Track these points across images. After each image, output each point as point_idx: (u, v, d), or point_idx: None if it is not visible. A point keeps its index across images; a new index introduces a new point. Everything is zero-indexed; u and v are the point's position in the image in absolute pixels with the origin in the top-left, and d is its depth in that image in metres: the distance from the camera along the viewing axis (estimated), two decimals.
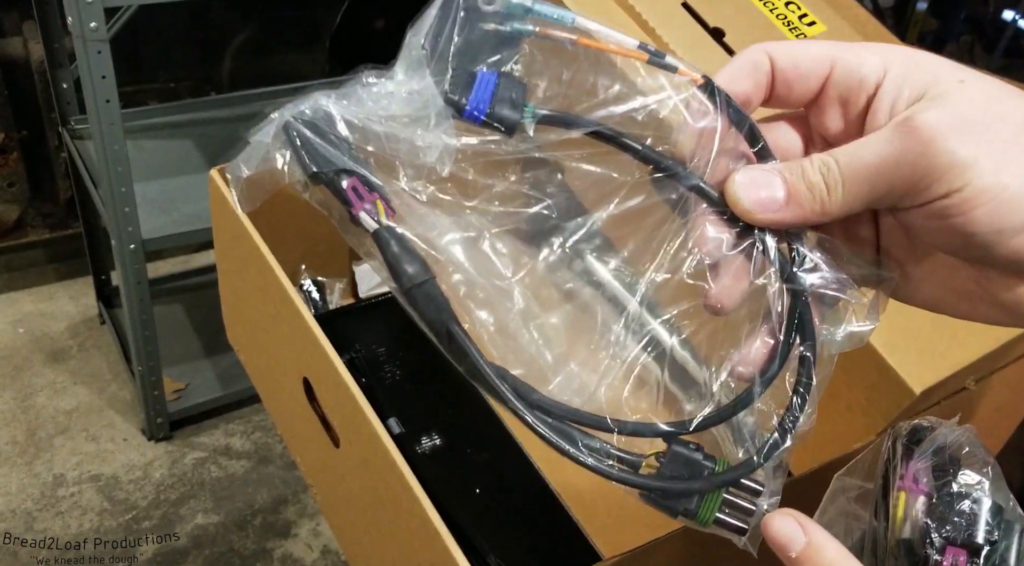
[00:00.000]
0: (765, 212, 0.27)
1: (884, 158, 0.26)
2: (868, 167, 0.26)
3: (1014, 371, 0.63)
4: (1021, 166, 0.24)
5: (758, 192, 0.27)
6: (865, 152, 0.26)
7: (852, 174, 0.26)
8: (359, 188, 0.26)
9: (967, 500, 0.35)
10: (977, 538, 0.34)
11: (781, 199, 0.27)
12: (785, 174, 0.27)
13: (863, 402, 0.54)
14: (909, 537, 0.35)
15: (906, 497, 0.36)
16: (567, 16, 0.27)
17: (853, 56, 0.28)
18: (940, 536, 0.35)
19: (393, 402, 0.62)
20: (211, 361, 1.66)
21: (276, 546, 1.43)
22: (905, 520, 0.36)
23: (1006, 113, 0.25)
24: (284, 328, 0.58)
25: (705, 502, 0.28)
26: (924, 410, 0.55)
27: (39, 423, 1.58)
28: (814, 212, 0.27)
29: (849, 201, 0.26)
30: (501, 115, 0.26)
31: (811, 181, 0.27)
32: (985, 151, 0.24)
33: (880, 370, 0.52)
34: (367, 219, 0.26)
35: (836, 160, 0.27)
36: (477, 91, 0.26)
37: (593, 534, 0.58)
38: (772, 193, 0.27)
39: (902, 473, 0.37)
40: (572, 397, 0.31)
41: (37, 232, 1.85)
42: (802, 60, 0.28)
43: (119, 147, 1.20)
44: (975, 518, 0.35)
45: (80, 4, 1.06)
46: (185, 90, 1.92)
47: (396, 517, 0.47)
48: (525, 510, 0.60)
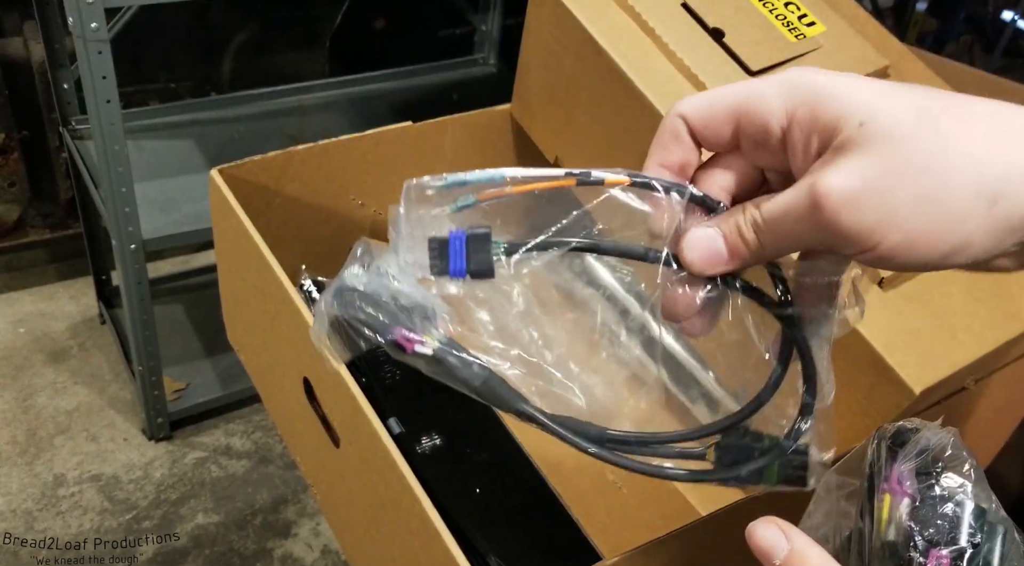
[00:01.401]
0: (715, 267, 0.30)
1: (798, 220, 0.27)
2: (787, 228, 0.28)
3: (1013, 371, 0.63)
4: (926, 212, 0.26)
5: (704, 252, 0.30)
6: (784, 215, 0.28)
7: (775, 232, 0.28)
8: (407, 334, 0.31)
9: (950, 503, 0.35)
10: (960, 541, 0.35)
11: (724, 254, 0.30)
12: (724, 229, 0.30)
13: (863, 402, 0.54)
14: (893, 539, 0.35)
15: (890, 499, 0.36)
16: (497, 175, 0.30)
17: (759, 104, 0.29)
18: (924, 539, 0.35)
19: (393, 402, 0.62)
20: (211, 361, 1.66)
21: (276, 546, 1.44)
22: (889, 522, 0.36)
23: (909, 150, 0.26)
24: (284, 328, 0.58)
25: (769, 469, 0.33)
26: (924, 410, 0.55)
27: (39, 423, 1.58)
28: (754, 259, 0.30)
29: (782, 247, 0.29)
30: (478, 268, 0.30)
31: (745, 237, 0.29)
32: (888, 211, 0.26)
33: (880, 370, 0.52)
34: (422, 349, 0.31)
35: (761, 215, 0.29)
36: (452, 258, 0.30)
37: (593, 534, 0.58)
38: (716, 250, 0.30)
39: (886, 475, 0.37)
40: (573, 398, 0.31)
41: (37, 232, 1.85)
42: (710, 119, 0.30)
43: (120, 147, 1.20)
44: (958, 521, 0.35)
45: (81, 4, 1.06)
46: (185, 90, 1.93)
47: (396, 517, 0.47)
48: (525, 510, 0.60)
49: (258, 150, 0.70)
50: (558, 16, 0.67)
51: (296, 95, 1.72)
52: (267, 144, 0.72)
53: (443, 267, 0.30)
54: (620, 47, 0.64)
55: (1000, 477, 0.72)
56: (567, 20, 0.66)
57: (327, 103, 1.73)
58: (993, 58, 2.25)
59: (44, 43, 1.45)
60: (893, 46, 0.75)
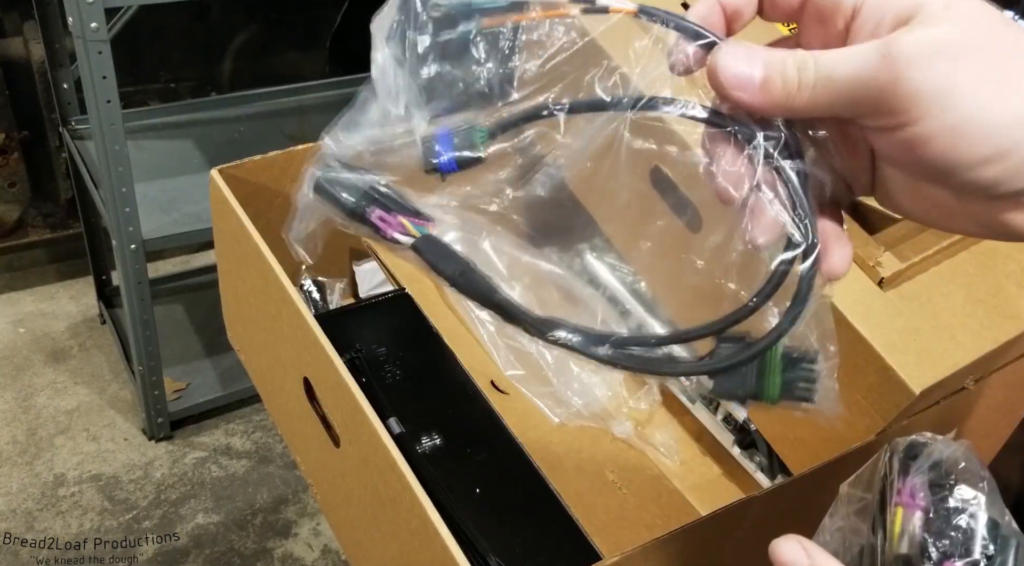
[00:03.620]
0: (737, 89, 0.28)
1: (856, 76, 0.26)
2: (840, 80, 0.26)
3: (1013, 371, 0.63)
4: (986, 99, 0.25)
5: (738, 66, 0.28)
6: (843, 64, 0.26)
7: (824, 81, 0.27)
8: (384, 216, 0.31)
9: (963, 515, 0.35)
10: (974, 553, 0.35)
11: (757, 80, 0.28)
12: (766, 58, 0.28)
13: (862, 402, 0.54)
14: (907, 552, 0.35)
15: (903, 512, 0.36)
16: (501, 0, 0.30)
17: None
18: (938, 551, 0.35)
19: (393, 402, 0.62)
20: (211, 361, 1.66)
21: (276, 546, 1.44)
22: (903, 535, 0.36)
23: (987, 41, 0.25)
24: (284, 328, 0.58)
25: (767, 381, 0.30)
26: (924, 410, 0.55)
27: (40, 423, 1.58)
28: (778, 105, 0.27)
29: (813, 104, 0.27)
30: (464, 157, 0.31)
31: (787, 75, 0.27)
32: (951, 84, 0.25)
33: (879, 370, 0.52)
34: (402, 238, 0.31)
35: (815, 62, 0.27)
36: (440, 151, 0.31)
37: (593, 534, 0.58)
38: (750, 71, 0.28)
39: (899, 488, 0.37)
40: (572, 397, 0.31)
41: (38, 232, 1.85)
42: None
43: (120, 147, 1.20)
44: (972, 533, 0.35)
45: (81, 4, 1.06)
46: (186, 90, 1.93)
47: (396, 517, 0.47)
48: (525, 510, 0.60)
49: (258, 150, 0.70)
50: None
51: (296, 95, 1.72)
52: (267, 144, 0.72)
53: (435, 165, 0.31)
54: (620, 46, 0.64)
55: (1000, 477, 0.72)
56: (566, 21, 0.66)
57: (327, 103, 1.73)
58: None
59: (44, 43, 1.45)
60: None
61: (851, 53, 0.26)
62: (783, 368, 0.30)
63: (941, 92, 0.25)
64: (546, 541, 0.58)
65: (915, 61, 0.25)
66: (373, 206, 0.31)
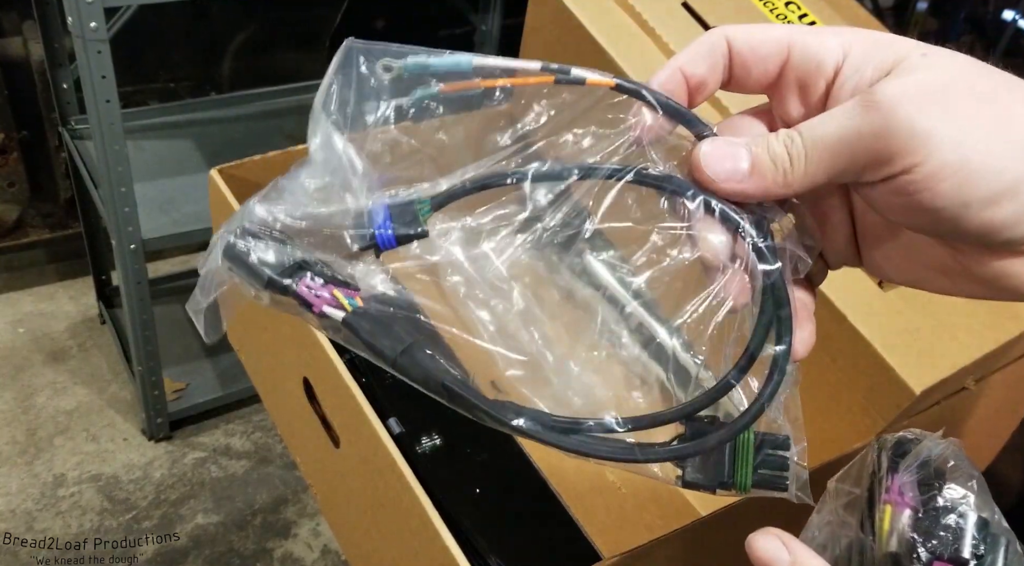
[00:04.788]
0: (729, 182, 0.27)
1: (846, 130, 0.25)
2: (830, 139, 0.26)
3: (1013, 371, 0.63)
4: (984, 137, 0.24)
5: (723, 163, 0.27)
6: (828, 125, 0.26)
7: (814, 146, 0.26)
8: (312, 286, 0.27)
9: (953, 514, 0.35)
10: (963, 553, 0.34)
11: (745, 170, 0.27)
12: (750, 146, 0.27)
13: (863, 402, 0.54)
14: (896, 551, 0.35)
15: (892, 510, 0.36)
16: (463, 61, 0.28)
17: (813, 38, 0.28)
18: (926, 550, 0.35)
19: (393, 402, 0.62)
20: (211, 361, 1.66)
21: (276, 546, 1.43)
22: (891, 534, 0.36)
23: (970, 83, 0.25)
24: (284, 328, 0.58)
25: (738, 469, 0.29)
26: (924, 410, 0.55)
27: (39, 423, 1.58)
28: (776, 184, 0.27)
29: (811, 173, 0.26)
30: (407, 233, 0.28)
31: (775, 152, 0.27)
32: (946, 123, 0.24)
33: (880, 370, 0.52)
34: (333, 312, 0.27)
35: (800, 133, 0.26)
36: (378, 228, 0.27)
37: (593, 534, 0.58)
38: (736, 164, 0.27)
39: (888, 486, 0.37)
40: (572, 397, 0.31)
41: (37, 232, 1.85)
42: (759, 43, 0.28)
43: (119, 147, 1.20)
44: (961, 532, 0.35)
45: (80, 4, 1.06)
46: (185, 90, 1.92)
47: (396, 517, 0.47)
48: (525, 510, 0.60)
49: (258, 150, 0.70)
50: (559, 16, 0.67)
51: (296, 95, 1.72)
52: (267, 144, 0.72)
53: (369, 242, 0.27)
54: (620, 47, 0.64)
55: (1000, 477, 0.72)
56: (568, 20, 0.66)
57: None
58: (994, 58, 2.25)
59: (43, 43, 1.45)
60: None
61: (835, 113, 0.26)
62: (756, 459, 0.28)
63: (939, 130, 0.24)
64: (546, 541, 0.58)
65: (903, 104, 0.24)
66: (298, 275, 0.27)
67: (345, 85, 0.27)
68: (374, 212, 0.27)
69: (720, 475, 0.29)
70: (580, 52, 0.65)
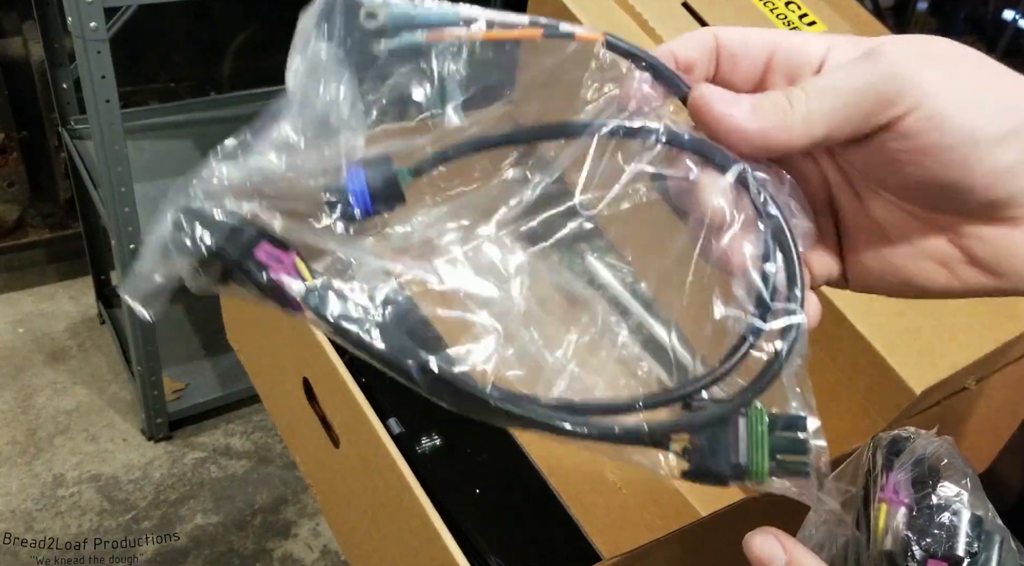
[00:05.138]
0: (727, 118, 0.27)
1: (850, 75, 0.26)
2: (836, 85, 0.26)
3: (1014, 371, 0.63)
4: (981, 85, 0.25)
5: (722, 97, 0.27)
6: (830, 74, 0.26)
7: (815, 89, 0.26)
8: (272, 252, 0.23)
9: (947, 512, 0.35)
10: (958, 550, 0.35)
11: (745, 107, 0.27)
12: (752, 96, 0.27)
13: (863, 403, 0.54)
14: (891, 549, 0.35)
15: (887, 508, 0.36)
16: (449, 12, 0.26)
17: (798, 38, 0.28)
18: (921, 548, 0.35)
19: (393, 402, 0.62)
20: (211, 361, 1.66)
21: (276, 546, 1.43)
22: (886, 532, 0.36)
23: (964, 52, 0.26)
24: (284, 328, 0.58)
25: (753, 454, 0.26)
26: (925, 410, 0.55)
27: (39, 423, 1.58)
28: (775, 125, 0.26)
29: (812, 119, 0.26)
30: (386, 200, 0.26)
31: (774, 98, 0.27)
32: (946, 69, 0.25)
33: (880, 370, 0.52)
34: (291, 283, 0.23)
35: (802, 86, 0.27)
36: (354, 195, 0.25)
37: (593, 534, 0.58)
38: (736, 100, 0.27)
39: (882, 484, 0.37)
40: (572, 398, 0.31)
41: (37, 232, 1.85)
42: (747, 38, 0.29)
43: (119, 147, 1.20)
44: (955, 530, 0.35)
45: (80, 4, 1.06)
46: (185, 90, 1.92)
47: (396, 517, 0.47)
48: (525, 510, 0.60)
49: None
50: (558, 16, 0.66)
51: None
52: None
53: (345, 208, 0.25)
54: None
55: (1001, 477, 0.72)
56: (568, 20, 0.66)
57: None
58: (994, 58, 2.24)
59: (43, 43, 1.45)
60: None
61: (839, 66, 0.26)
62: (772, 440, 0.26)
63: (942, 73, 0.25)
64: (546, 541, 0.58)
65: (905, 60, 0.25)
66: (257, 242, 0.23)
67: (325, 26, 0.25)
68: (352, 178, 0.25)
69: (730, 463, 0.26)
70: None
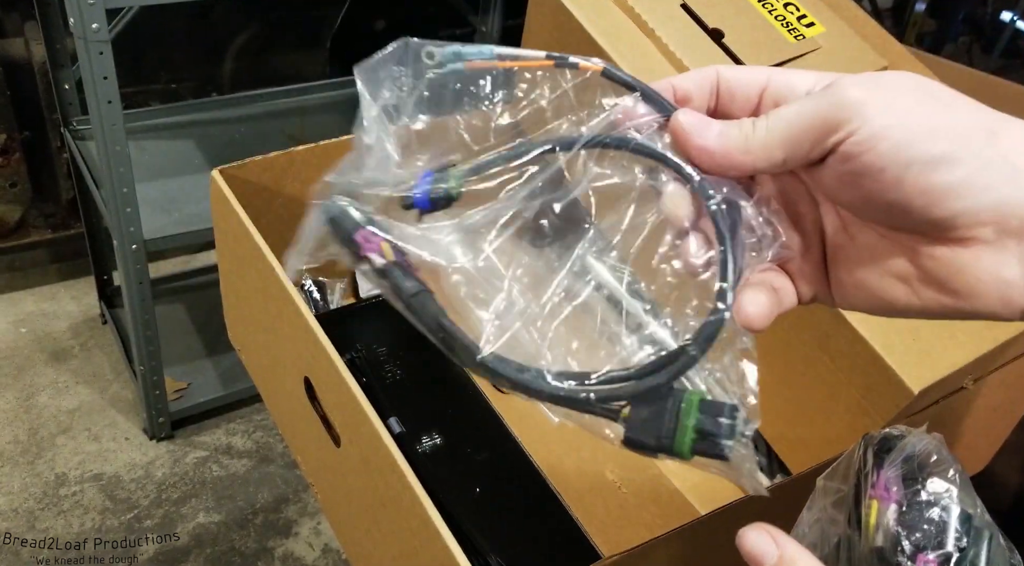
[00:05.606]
0: (696, 137, 0.31)
1: (802, 106, 0.29)
2: (788, 113, 0.29)
3: (1011, 371, 0.63)
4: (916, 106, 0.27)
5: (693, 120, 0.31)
6: (793, 105, 0.30)
7: (775, 117, 0.30)
8: (367, 236, 0.32)
9: (936, 508, 0.36)
10: (947, 546, 0.35)
11: (713, 130, 0.31)
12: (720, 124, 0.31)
13: (861, 402, 0.54)
14: (881, 545, 0.36)
15: (878, 505, 0.37)
16: (486, 50, 0.34)
17: (790, 73, 0.32)
18: (911, 543, 0.35)
19: (393, 402, 0.62)
20: (212, 361, 1.67)
21: (277, 545, 1.44)
22: (877, 528, 0.36)
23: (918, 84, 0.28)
24: (285, 328, 0.58)
25: (678, 432, 0.29)
26: (923, 410, 0.55)
27: (41, 422, 1.58)
28: (737, 147, 0.30)
29: (769, 142, 0.29)
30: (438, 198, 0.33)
31: (742, 124, 0.30)
32: (884, 94, 0.28)
33: (878, 370, 0.53)
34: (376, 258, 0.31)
35: (766, 114, 0.30)
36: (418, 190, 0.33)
37: (593, 534, 0.58)
38: (706, 124, 0.31)
39: (873, 481, 0.37)
40: None
41: (39, 232, 1.86)
42: (743, 73, 0.32)
43: (121, 148, 1.20)
44: (944, 526, 0.35)
45: (82, 5, 1.06)
46: (187, 91, 1.93)
47: (397, 516, 0.47)
48: (525, 510, 0.60)
49: (259, 151, 0.70)
50: (558, 17, 0.67)
51: (297, 96, 1.73)
52: (268, 145, 0.73)
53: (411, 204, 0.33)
54: (620, 47, 0.64)
55: (999, 477, 0.72)
56: (567, 21, 0.66)
57: (328, 104, 1.73)
58: (992, 59, 2.25)
59: (45, 44, 1.45)
60: (892, 47, 0.75)
61: (797, 100, 0.30)
62: (697, 421, 0.29)
63: (876, 98, 0.27)
64: (546, 541, 0.58)
65: (851, 85, 0.28)
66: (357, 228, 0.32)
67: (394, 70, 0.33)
68: (417, 177, 0.33)
69: (657, 437, 0.29)
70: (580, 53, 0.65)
